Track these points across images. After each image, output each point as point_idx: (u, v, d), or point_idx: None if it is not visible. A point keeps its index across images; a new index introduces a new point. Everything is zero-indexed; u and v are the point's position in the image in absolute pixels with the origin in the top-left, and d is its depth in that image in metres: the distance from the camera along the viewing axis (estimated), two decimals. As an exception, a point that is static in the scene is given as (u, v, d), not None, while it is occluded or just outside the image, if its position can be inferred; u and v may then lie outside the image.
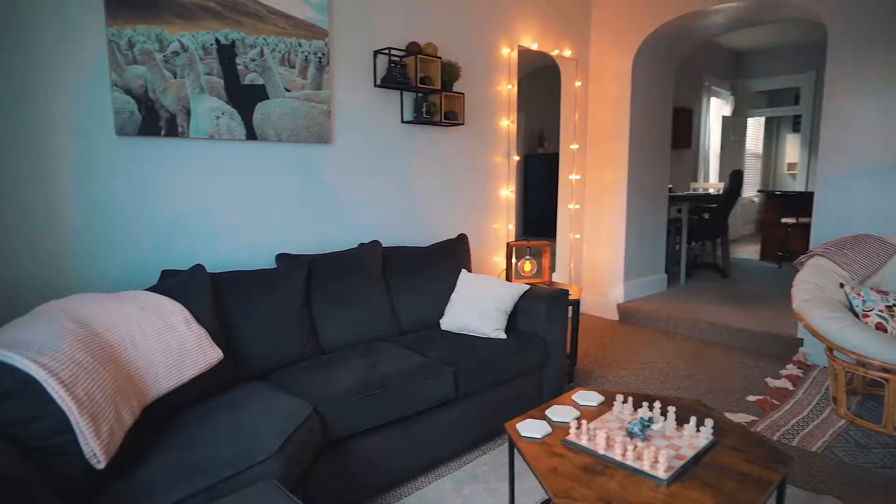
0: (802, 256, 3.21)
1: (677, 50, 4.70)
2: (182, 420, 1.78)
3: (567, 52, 4.21)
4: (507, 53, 3.73)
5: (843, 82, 3.37)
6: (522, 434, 1.69)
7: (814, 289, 2.94)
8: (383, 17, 3.03)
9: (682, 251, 5.32)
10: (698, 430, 1.63)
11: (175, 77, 2.31)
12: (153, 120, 2.26)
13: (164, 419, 1.79)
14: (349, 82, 2.92)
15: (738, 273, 5.92)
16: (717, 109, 8.20)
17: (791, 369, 3.42)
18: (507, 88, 3.75)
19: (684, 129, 7.19)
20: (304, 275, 2.45)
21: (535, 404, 2.72)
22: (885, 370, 2.56)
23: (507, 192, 3.86)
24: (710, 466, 1.51)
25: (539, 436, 1.68)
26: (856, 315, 2.84)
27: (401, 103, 3.13)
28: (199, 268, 2.13)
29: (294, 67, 2.66)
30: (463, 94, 3.29)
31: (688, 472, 1.48)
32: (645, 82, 4.43)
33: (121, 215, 2.24)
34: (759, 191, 8.26)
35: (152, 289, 1.99)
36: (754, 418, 2.80)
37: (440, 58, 3.11)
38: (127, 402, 1.57)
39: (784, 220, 6.35)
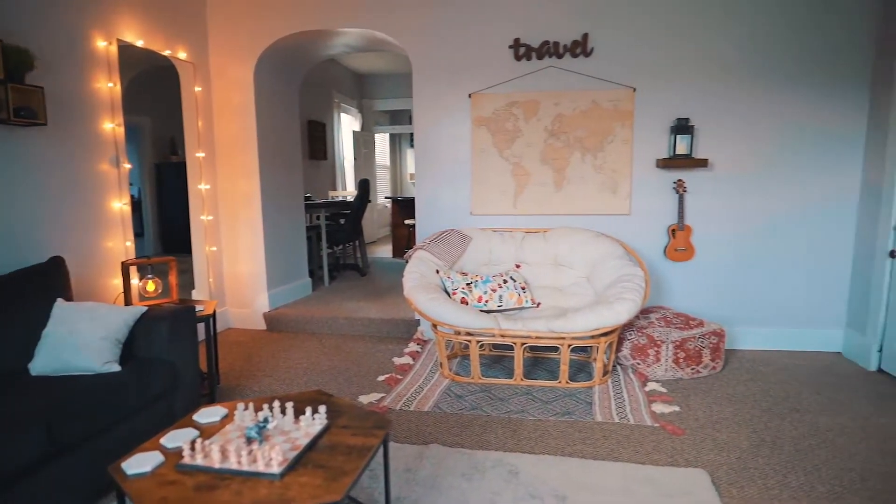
0: (409, 251, 3.81)
1: (300, 65, 4.96)
2: None
3: (182, 55, 3.97)
4: (105, 47, 3.28)
5: (425, 105, 4.13)
6: (129, 472, 1.52)
7: (418, 276, 3.53)
8: None
9: (323, 255, 5.67)
10: (314, 418, 1.76)
11: None
12: None
13: None
14: None
15: (375, 270, 6.66)
16: (348, 124, 9.03)
17: (412, 347, 4.03)
18: (109, 87, 3.30)
19: (320, 142, 7.67)
20: None
21: (166, 435, 2.47)
22: (469, 334, 3.27)
23: (121, 205, 3.40)
24: (324, 448, 1.64)
25: (149, 469, 1.53)
26: (448, 294, 3.53)
27: (-59, 93, 2.40)
28: None
29: None
30: (42, 87, 2.74)
31: (302, 459, 1.58)
32: (270, 93, 4.54)
33: None
34: (386, 197, 9.44)
35: None
36: (383, 394, 3.19)
37: (0, 40, 2.51)
38: None
39: (407, 221, 7.44)
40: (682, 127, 3.73)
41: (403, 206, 7.70)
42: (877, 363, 3.52)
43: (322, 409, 1.77)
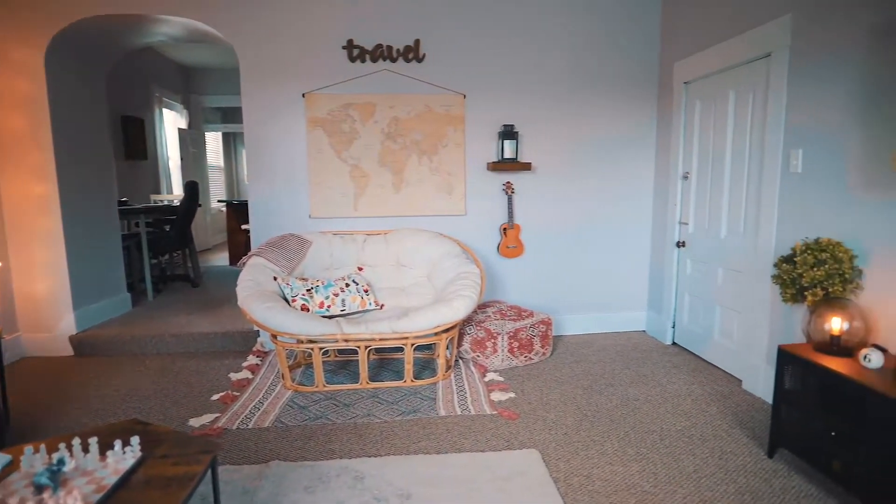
0: (244, 258, 3.58)
1: (109, 52, 4.39)
2: None
3: (-58, 32, 3.28)
4: None
5: (255, 104, 3.91)
6: None
7: (253, 284, 3.33)
8: None
9: (145, 266, 5.09)
10: (125, 452, 1.56)
11: None
12: None
13: None
14: None
15: (209, 280, 6.14)
16: (172, 121, 8.21)
17: (252, 360, 3.79)
18: None
19: (138, 140, 6.87)
20: None
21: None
22: (311, 341, 3.17)
23: None
24: (137, 484, 1.47)
25: None
26: (288, 302, 3.39)
27: None
28: None
29: None
30: None
31: (110, 500, 1.39)
32: (70, 82, 3.95)
33: None
34: (218, 201, 8.79)
35: None
36: (217, 414, 2.95)
37: None
38: None
39: (244, 226, 6.99)
40: (509, 133, 4.01)
41: (240, 211, 7.22)
42: (671, 338, 4.12)
43: (135, 440, 1.58)
